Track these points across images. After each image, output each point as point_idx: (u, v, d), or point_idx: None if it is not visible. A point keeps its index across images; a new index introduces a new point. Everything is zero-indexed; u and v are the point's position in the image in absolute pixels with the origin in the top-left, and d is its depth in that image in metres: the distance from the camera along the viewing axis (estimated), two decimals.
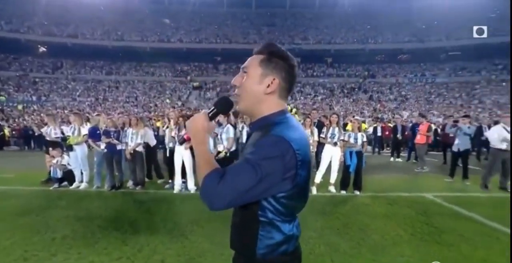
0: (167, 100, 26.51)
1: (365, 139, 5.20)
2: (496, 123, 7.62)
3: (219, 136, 5.09)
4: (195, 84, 31.16)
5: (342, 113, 18.32)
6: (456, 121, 7.17)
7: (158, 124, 8.37)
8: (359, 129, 5.30)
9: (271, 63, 0.94)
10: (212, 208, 0.83)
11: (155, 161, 5.60)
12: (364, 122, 11.79)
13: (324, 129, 5.30)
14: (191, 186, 5.09)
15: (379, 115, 16.68)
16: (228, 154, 5.03)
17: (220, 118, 5.26)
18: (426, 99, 28.09)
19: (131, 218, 3.84)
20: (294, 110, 14.16)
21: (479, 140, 8.44)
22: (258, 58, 0.96)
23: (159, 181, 5.70)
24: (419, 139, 7.08)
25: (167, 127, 5.37)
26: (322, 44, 35.28)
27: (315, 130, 5.39)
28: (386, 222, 3.76)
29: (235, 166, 0.84)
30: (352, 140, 5.05)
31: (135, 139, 5.00)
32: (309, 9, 39.62)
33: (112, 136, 5.06)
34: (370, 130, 11.19)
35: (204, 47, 34.78)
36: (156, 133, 7.00)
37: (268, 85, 0.93)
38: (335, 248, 2.96)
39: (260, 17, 39.25)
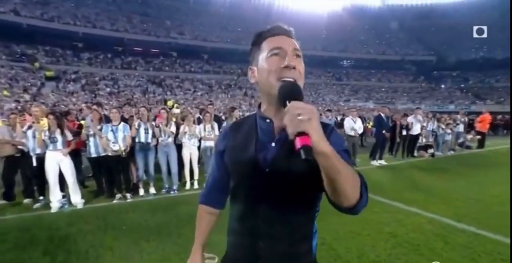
0: (5, 92, 18.72)
1: None
2: (344, 115, 10.20)
3: (112, 135, 4.28)
4: (48, 73, 23.83)
5: (223, 108, 19.11)
6: (320, 114, 9.08)
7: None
8: None
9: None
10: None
11: (25, 174, 4.00)
12: None
13: (225, 124, 5.40)
14: (77, 200, 3.99)
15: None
16: (125, 154, 4.36)
17: (113, 114, 4.45)
18: None
19: None
20: (175, 105, 13.59)
21: None
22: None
23: (26, 200, 4.13)
24: None
25: (29, 128, 3.97)
26: (198, 41, 35.46)
27: (215, 125, 5.37)
28: None
29: (347, 158, 0.75)
30: None
31: None
32: (184, 3, 38.70)
33: None
34: None
35: (57, 27, 27.56)
36: None
37: None
38: None
39: (128, 3, 34.85)
